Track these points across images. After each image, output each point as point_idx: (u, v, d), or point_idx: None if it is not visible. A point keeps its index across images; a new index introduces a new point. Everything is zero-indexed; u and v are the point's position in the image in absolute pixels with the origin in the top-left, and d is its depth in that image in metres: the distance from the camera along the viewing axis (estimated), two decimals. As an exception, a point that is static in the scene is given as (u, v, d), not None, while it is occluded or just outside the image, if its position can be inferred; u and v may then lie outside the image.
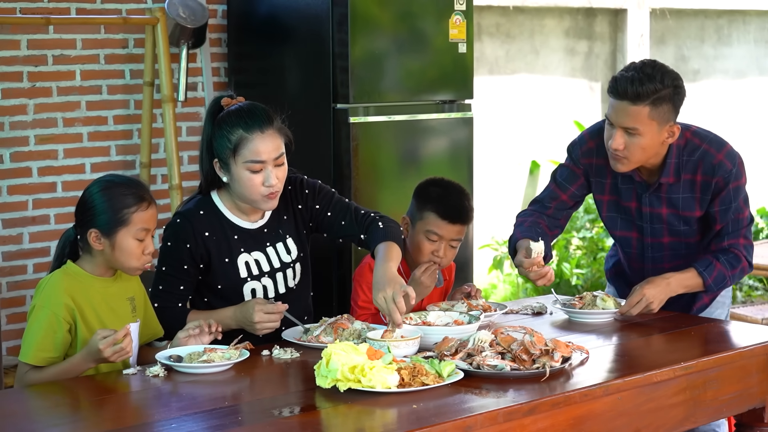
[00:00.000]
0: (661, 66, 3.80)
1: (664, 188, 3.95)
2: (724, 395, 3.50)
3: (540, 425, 2.97)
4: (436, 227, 4.00)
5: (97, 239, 3.38)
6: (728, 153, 3.95)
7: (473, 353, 3.22)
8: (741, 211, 3.96)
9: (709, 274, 3.89)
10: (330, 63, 5.36)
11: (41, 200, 5.50)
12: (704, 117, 9.78)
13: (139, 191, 3.42)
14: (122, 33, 5.68)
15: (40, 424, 2.89)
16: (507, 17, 8.52)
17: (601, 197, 4.10)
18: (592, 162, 4.06)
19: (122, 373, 3.27)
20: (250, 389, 3.18)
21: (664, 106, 3.76)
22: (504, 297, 8.16)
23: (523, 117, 8.62)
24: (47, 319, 3.33)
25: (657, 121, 3.76)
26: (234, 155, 3.57)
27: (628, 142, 3.79)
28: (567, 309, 3.97)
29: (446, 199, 4.04)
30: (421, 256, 4.02)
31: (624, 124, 3.77)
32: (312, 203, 3.84)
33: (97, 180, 3.49)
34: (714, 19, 9.94)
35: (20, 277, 5.46)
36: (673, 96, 3.77)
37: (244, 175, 3.58)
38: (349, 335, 3.51)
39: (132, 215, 3.38)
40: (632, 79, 3.73)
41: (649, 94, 3.72)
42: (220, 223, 3.71)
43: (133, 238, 3.38)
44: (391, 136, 5.54)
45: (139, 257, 3.40)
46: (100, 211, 3.38)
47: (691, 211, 3.96)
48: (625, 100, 3.75)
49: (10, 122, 5.39)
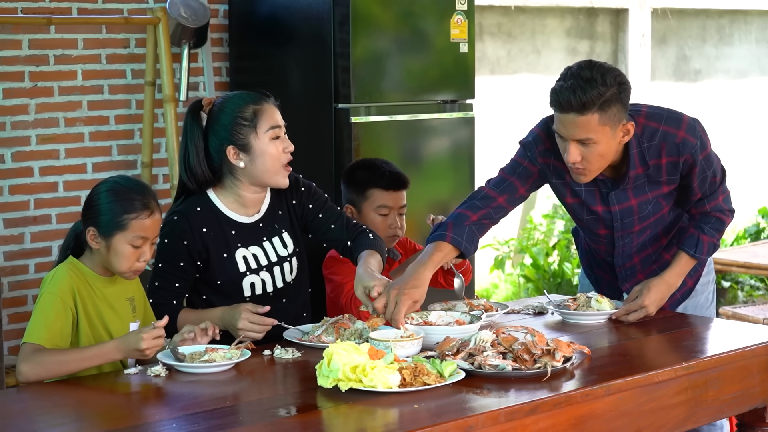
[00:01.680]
0: (599, 66, 3.55)
1: (631, 180, 3.76)
2: (725, 395, 3.49)
3: (541, 425, 2.97)
4: (383, 200, 4.15)
5: (94, 238, 3.39)
6: (688, 127, 3.71)
7: (475, 353, 3.22)
8: (716, 174, 3.81)
9: (699, 251, 3.85)
10: (331, 63, 5.36)
11: (43, 200, 5.50)
12: (705, 117, 9.78)
13: (144, 198, 3.40)
14: (124, 33, 5.68)
15: (41, 424, 2.89)
16: (508, 17, 8.52)
17: (563, 199, 3.94)
18: (549, 162, 3.84)
19: (124, 372, 3.27)
20: (251, 389, 3.18)
21: (613, 108, 3.52)
22: (505, 297, 8.16)
23: (525, 117, 8.61)
24: (57, 305, 3.32)
25: (609, 125, 3.54)
26: (256, 129, 3.68)
27: (585, 153, 3.58)
28: (561, 310, 3.93)
29: (382, 172, 4.19)
30: (380, 234, 4.08)
31: (576, 137, 3.55)
32: (306, 201, 3.89)
33: (107, 179, 3.49)
34: (715, 18, 9.94)
35: (22, 277, 5.46)
36: (620, 94, 3.53)
37: (269, 146, 3.68)
38: (350, 335, 3.52)
39: (131, 221, 3.36)
40: (573, 88, 3.50)
41: (594, 101, 3.48)
42: (217, 219, 3.74)
43: (128, 244, 3.37)
44: (393, 136, 5.54)
45: (131, 263, 3.39)
46: (102, 212, 3.38)
47: (659, 190, 3.80)
48: (570, 113, 3.52)
49: (12, 122, 5.39)
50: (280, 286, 3.81)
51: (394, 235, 4.16)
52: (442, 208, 5.70)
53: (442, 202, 5.71)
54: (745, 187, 9.87)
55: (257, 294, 3.77)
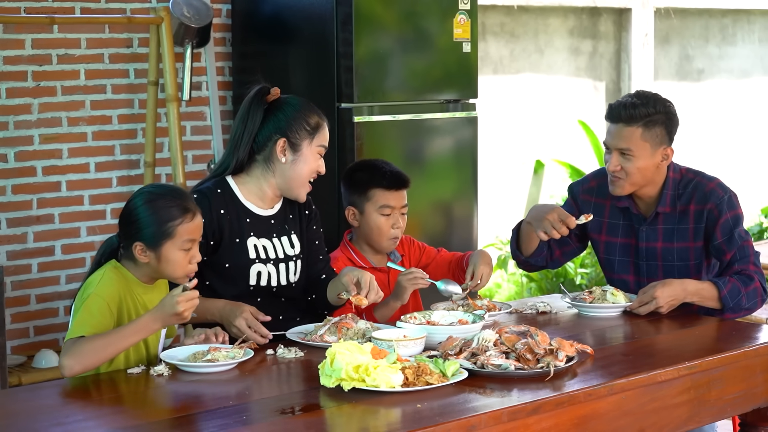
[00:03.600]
0: (654, 94, 4.05)
1: (660, 219, 4.07)
2: (728, 395, 3.49)
3: (544, 425, 2.97)
4: (386, 200, 4.14)
5: (143, 252, 3.36)
6: (719, 183, 4.08)
7: (477, 353, 3.22)
8: (745, 239, 4.02)
9: (724, 285, 3.93)
10: (334, 62, 5.36)
11: (46, 199, 5.51)
12: (709, 116, 9.78)
13: (183, 203, 3.39)
14: (126, 32, 5.69)
15: (44, 423, 2.89)
16: (511, 17, 8.52)
17: (597, 237, 4.23)
18: (590, 200, 4.23)
19: (127, 372, 3.27)
20: (254, 388, 3.18)
21: (657, 129, 3.98)
22: (508, 296, 8.16)
23: (528, 116, 8.62)
24: (102, 306, 3.29)
25: (650, 143, 3.97)
26: (311, 138, 3.79)
27: (624, 164, 3.99)
28: (577, 303, 4.00)
29: (383, 171, 4.18)
30: (382, 234, 4.13)
31: (618, 146, 3.99)
32: (312, 222, 3.98)
33: (139, 191, 3.45)
34: (718, 18, 9.93)
35: (24, 277, 5.46)
36: (666, 121, 4.00)
37: (312, 157, 3.80)
38: (353, 335, 3.52)
39: (177, 228, 3.35)
40: (626, 103, 4.00)
41: (641, 116, 3.96)
42: (234, 204, 3.79)
43: (179, 250, 3.36)
44: (396, 136, 5.54)
45: (184, 267, 3.38)
46: (145, 225, 3.34)
47: (685, 242, 4.05)
48: (619, 123, 4.00)
49: (15, 121, 5.39)
50: (283, 283, 3.82)
51: (396, 236, 4.16)
52: (444, 208, 5.70)
53: (444, 201, 5.72)
54: (748, 187, 9.87)
55: (262, 285, 3.78)
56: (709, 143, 9.74)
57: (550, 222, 3.99)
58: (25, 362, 5.27)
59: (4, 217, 5.39)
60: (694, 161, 9.27)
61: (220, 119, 5.94)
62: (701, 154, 9.49)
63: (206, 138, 5.98)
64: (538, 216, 4.05)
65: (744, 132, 10.12)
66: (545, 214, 4.02)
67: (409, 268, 4.05)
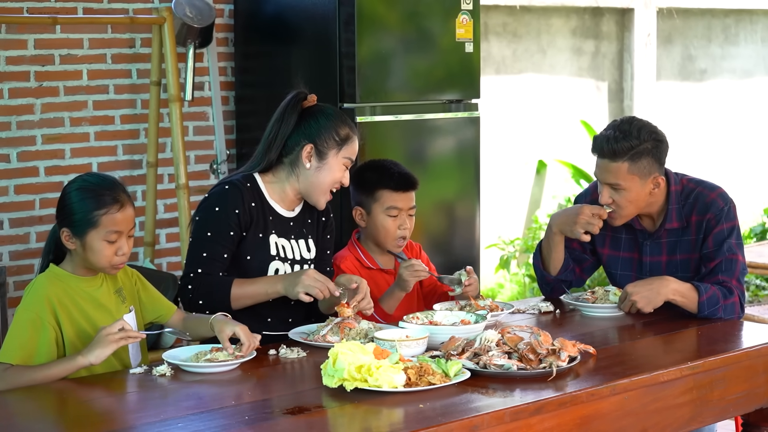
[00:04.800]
0: (638, 122, 3.93)
1: (664, 233, 4.04)
2: (730, 395, 3.49)
3: (546, 425, 2.97)
4: (393, 201, 4.12)
5: (69, 239, 3.36)
6: (720, 194, 4.02)
7: (480, 353, 3.22)
8: (734, 252, 3.96)
9: (705, 291, 3.88)
10: (337, 62, 5.36)
11: (48, 199, 5.51)
12: (711, 117, 9.78)
13: (114, 193, 3.37)
14: (129, 32, 5.69)
15: (45, 424, 2.89)
16: (514, 17, 8.52)
17: (601, 250, 4.21)
18: None
19: (129, 372, 3.27)
20: (256, 388, 3.18)
21: (644, 161, 3.88)
22: (511, 296, 8.15)
23: (530, 117, 8.62)
24: (35, 322, 3.28)
25: (638, 175, 3.89)
26: (338, 148, 3.82)
27: (615, 197, 3.93)
28: (579, 303, 4.01)
29: (391, 173, 4.17)
30: (389, 235, 4.13)
31: (607, 181, 3.92)
32: (328, 231, 4.01)
33: (75, 178, 3.46)
34: (721, 18, 9.93)
35: (27, 277, 5.46)
36: (652, 150, 3.89)
37: (337, 167, 3.83)
38: (356, 335, 3.52)
39: (101, 217, 3.34)
40: (608, 138, 3.89)
41: (625, 151, 3.86)
42: (261, 200, 3.82)
43: (102, 240, 3.34)
44: (398, 136, 5.54)
45: (110, 258, 3.36)
46: (73, 211, 3.35)
47: (688, 254, 4.02)
48: (605, 158, 3.91)
49: (17, 122, 5.40)
50: None
51: (403, 236, 4.16)
52: (447, 208, 5.70)
53: (447, 201, 5.71)
54: (750, 187, 9.87)
55: None
56: (711, 143, 9.74)
57: (586, 220, 3.98)
58: (27, 362, 5.26)
59: (6, 217, 5.40)
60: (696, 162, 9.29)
61: (222, 119, 5.94)
62: (704, 154, 9.49)
63: (209, 138, 5.98)
64: (568, 221, 4.03)
65: (747, 132, 10.12)
66: (575, 216, 4.00)
67: (409, 259, 4.05)
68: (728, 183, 4.22)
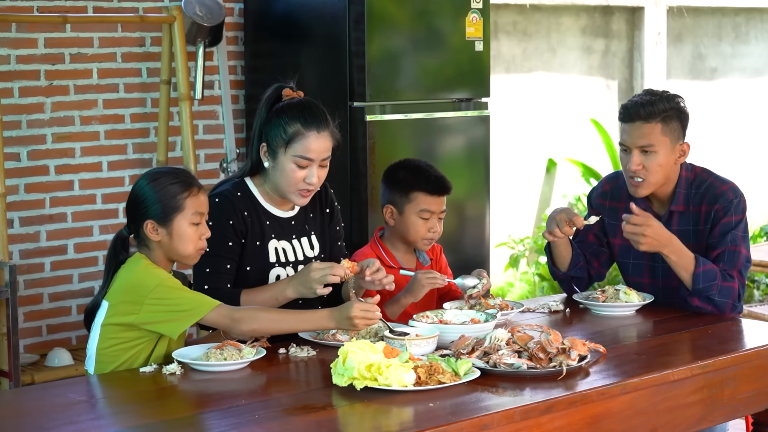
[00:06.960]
0: (663, 90, 4.10)
1: (674, 219, 4.06)
2: (741, 394, 3.49)
3: (557, 424, 2.96)
4: (428, 204, 4.10)
5: (154, 230, 3.39)
6: (732, 187, 4.08)
7: (490, 352, 3.22)
8: (738, 244, 3.98)
9: (702, 263, 3.90)
10: (347, 61, 5.36)
11: (58, 198, 5.52)
12: (721, 115, 9.76)
13: (187, 178, 3.44)
14: (139, 31, 5.69)
15: (56, 422, 2.89)
16: (524, 15, 8.51)
17: (613, 240, 4.23)
18: (605, 204, 4.25)
19: (139, 371, 3.28)
20: (266, 387, 3.18)
21: (673, 123, 4.00)
22: (520, 295, 8.15)
23: (540, 115, 8.61)
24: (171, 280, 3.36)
25: (669, 138, 3.99)
26: (285, 146, 3.66)
27: (645, 162, 3.99)
28: (590, 303, 4.01)
29: (428, 176, 4.15)
30: (419, 237, 4.11)
31: (639, 143, 3.99)
32: (334, 221, 3.96)
33: (143, 175, 3.48)
34: (731, 17, 9.91)
35: (37, 275, 5.47)
36: (680, 115, 4.03)
37: (288, 167, 3.67)
38: (365, 333, 3.52)
39: (185, 200, 3.39)
40: (641, 101, 4.02)
41: (659, 112, 3.98)
42: (254, 207, 3.76)
43: (189, 223, 3.39)
44: (408, 135, 5.54)
45: (196, 242, 3.41)
46: (153, 201, 3.38)
47: (697, 243, 4.02)
48: (637, 121, 4.00)
49: (28, 120, 5.40)
50: None
51: (432, 238, 4.14)
52: (457, 206, 5.70)
53: (457, 200, 5.71)
54: (761, 185, 9.85)
55: None
56: (721, 142, 9.72)
57: (555, 221, 4.01)
58: (37, 361, 5.28)
59: (17, 215, 5.40)
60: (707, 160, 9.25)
61: (232, 118, 5.94)
62: (714, 152, 9.47)
63: (218, 137, 5.98)
64: (548, 218, 4.06)
65: (757, 131, 10.09)
66: (555, 215, 4.04)
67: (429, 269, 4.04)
68: (739, 181, 4.22)
